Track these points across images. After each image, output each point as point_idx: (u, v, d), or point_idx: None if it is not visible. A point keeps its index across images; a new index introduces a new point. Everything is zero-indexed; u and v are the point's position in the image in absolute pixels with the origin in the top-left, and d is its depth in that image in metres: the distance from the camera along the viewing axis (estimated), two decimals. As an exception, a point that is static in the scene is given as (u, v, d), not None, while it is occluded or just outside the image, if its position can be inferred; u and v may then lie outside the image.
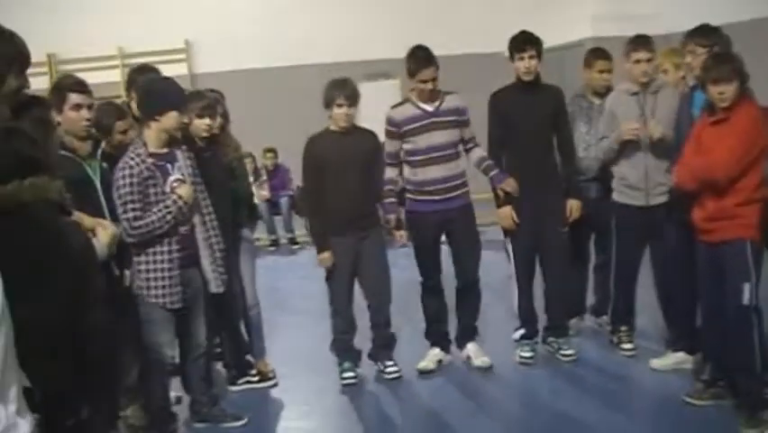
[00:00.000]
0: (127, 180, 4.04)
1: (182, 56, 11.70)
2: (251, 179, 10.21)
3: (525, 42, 5.18)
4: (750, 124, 4.02)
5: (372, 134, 5.27)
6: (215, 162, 4.90)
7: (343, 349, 5.33)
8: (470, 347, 5.43)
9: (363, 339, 5.43)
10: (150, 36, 11.16)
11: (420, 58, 5.10)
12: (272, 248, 10.63)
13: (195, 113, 4.72)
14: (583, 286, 5.94)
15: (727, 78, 4.03)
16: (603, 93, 5.58)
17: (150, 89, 4.36)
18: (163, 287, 4.15)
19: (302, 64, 11.29)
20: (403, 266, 5.70)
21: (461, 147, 5.32)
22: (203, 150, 4.79)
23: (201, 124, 4.78)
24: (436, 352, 5.45)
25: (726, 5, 8.92)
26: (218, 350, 5.29)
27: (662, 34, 7.86)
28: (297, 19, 11.72)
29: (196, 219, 4.32)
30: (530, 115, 5.24)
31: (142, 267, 4.14)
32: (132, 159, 4.10)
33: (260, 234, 10.12)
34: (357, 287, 5.32)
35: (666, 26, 9.61)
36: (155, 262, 4.15)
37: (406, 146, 5.21)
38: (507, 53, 5.29)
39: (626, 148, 5.07)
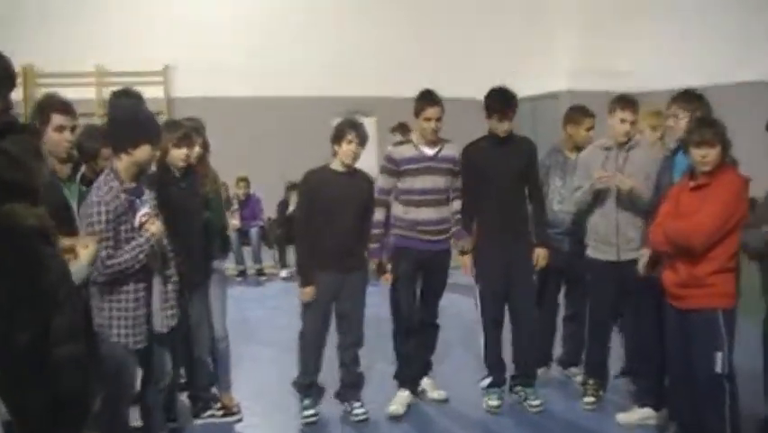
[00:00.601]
0: (102, 217, 3.83)
1: (159, 79, 11.67)
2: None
3: (505, 105, 5.26)
4: (731, 193, 4.06)
5: (369, 178, 5.38)
6: (192, 192, 4.85)
7: (306, 386, 5.29)
8: (426, 381, 5.59)
9: (332, 378, 5.38)
10: (129, 57, 11.15)
11: (426, 97, 5.25)
12: (239, 278, 10.54)
13: (172, 143, 4.66)
14: (551, 336, 5.99)
15: (710, 142, 4.11)
16: (582, 149, 5.67)
17: (124, 120, 4.21)
18: (126, 327, 3.98)
19: (279, 96, 11.34)
20: (371, 304, 5.68)
21: (451, 193, 5.43)
22: (179, 180, 4.73)
23: (179, 154, 4.70)
24: (406, 394, 5.45)
25: (702, 67, 9.15)
26: (183, 381, 5.22)
27: (635, 92, 8.04)
28: (278, 51, 11.78)
29: (156, 265, 4.14)
30: (504, 168, 5.34)
31: (105, 306, 3.94)
32: (107, 193, 3.89)
33: (228, 264, 10.04)
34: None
35: (639, 84, 9.84)
36: (119, 301, 3.96)
37: (402, 185, 5.33)
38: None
39: (599, 201, 5.14)
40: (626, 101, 5.15)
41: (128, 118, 4.23)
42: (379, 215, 5.34)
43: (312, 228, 5.15)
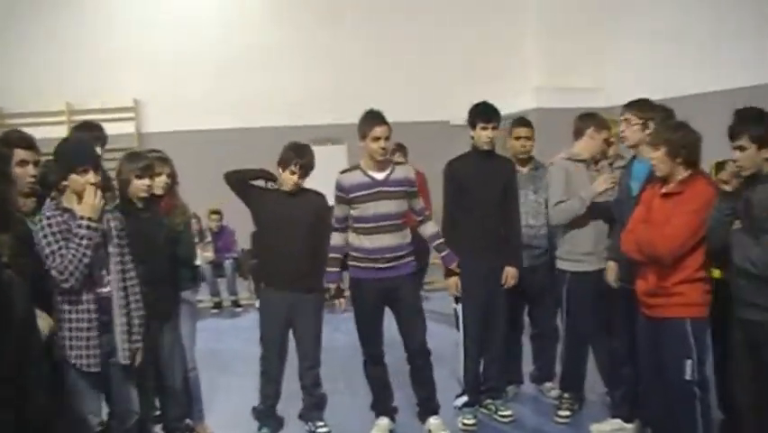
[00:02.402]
0: (47, 231, 3.84)
1: (130, 114, 11.64)
2: (196, 240, 10.20)
3: (491, 114, 5.32)
4: (703, 203, 4.04)
5: (320, 196, 5.30)
6: (155, 223, 4.81)
7: (265, 415, 5.33)
8: (432, 421, 5.28)
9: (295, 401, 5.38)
10: (99, 93, 11.13)
11: (372, 116, 5.08)
12: (215, 310, 10.50)
13: (134, 174, 4.64)
14: (519, 354, 6.01)
15: (655, 144, 4.19)
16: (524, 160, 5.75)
17: (57, 151, 4.14)
18: (79, 347, 3.93)
19: (250, 127, 11.37)
20: (346, 330, 5.68)
21: (415, 216, 5.31)
22: (142, 210, 4.70)
23: (140, 185, 4.66)
24: (386, 422, 5.37)
25: (667, 80, 9.27)
26: (158, 413, 5.17)
27: (603, 107, 8.14)
28: (247, 82, 11.80)
29: (113, 284, 4.08)
30: (487, 184, 5.34)
31: (65, 327, 3.92)
32: (47, 216, 3.90)
33: (203, 295, 10.02)
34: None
35: (606, 100, 9.96)
36: (71, 321, 3.92)
37: (354, 213, 5.14)
38: (454, 121, 5.41)
39: (597, 206, 5.16)
40: (603, 122, 5.33)
41: (59, 149, 4.14)
42: (337, 240, 5.24)
43: (262, 248, 5.16)
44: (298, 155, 5.09)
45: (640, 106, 4.76)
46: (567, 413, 5.41)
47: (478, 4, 12.43)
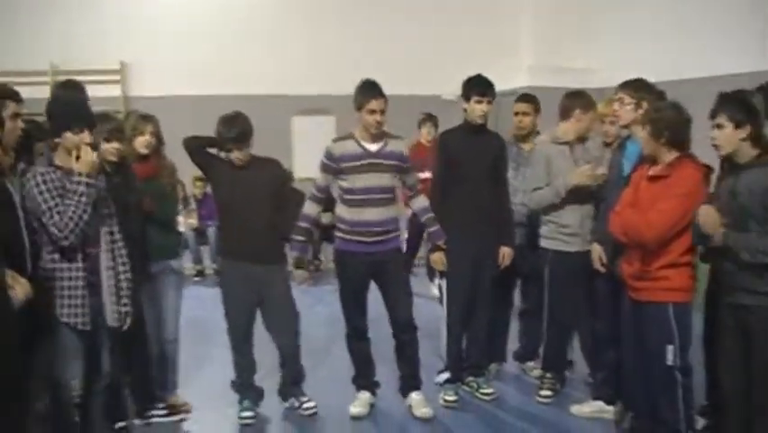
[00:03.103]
0: (42, 187, 3.80)
1: (116, 77, 11.44)
2: (180, 207, 10.08)
3: (485, 87, 5.22)
4: (689, 187, 3.98)
5: (275, 165, 5.13)
6: (127, 188, 4.63)
7: (244, 387, 5.23)
8: (414, 396, 5.24)
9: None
10: (85, 55, 10.90)
11: (369, 88, 4.94)
12: (198, 278, 10.40)
13: (102, 136, 4.42)
14: (506, 332, 5.96)
15: (642, 123, 4.16)
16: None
17: (53, 109, 4.07)
18: (73, 306, 3.91)
19: (238, 94, 11.14)
20: (328, 302, 5.61)
21: (398, 192, 5.20)
22: (112, 175, 4.48)
23: (109, 148, 4.51)
24: (367, 396, 5.32)
25: (662, 63, 9.18)
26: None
27: (595, 88, 8.06)
28: (237, 49, 11.61)
29: (102, 245, 4.06)
30: (478, 158, 5.26)
31: (57, 286, 3.91)
32: (40, 172, 3.86)
33: (186, 263, 9.92)
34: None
35: (600, 81, 9.88)
36: (64, 279, 3.91)
37: (343, 184, 5.02)
38: (445, 96, 5.31)
39: (569, 196, 5.10)
40: (589, 101, 5.21)
41: (52, 108, 4.08)
42: (309, 209, 5.13)
43: (222, 220, 5.09)
44: (227, 131, 4.86)
45: (634, 86, 4.69)
46: (549, 393, 5.39)
47: (473, -21, 12.30)
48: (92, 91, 5.11)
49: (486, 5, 12.30)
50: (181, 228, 5.63)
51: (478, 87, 5.22)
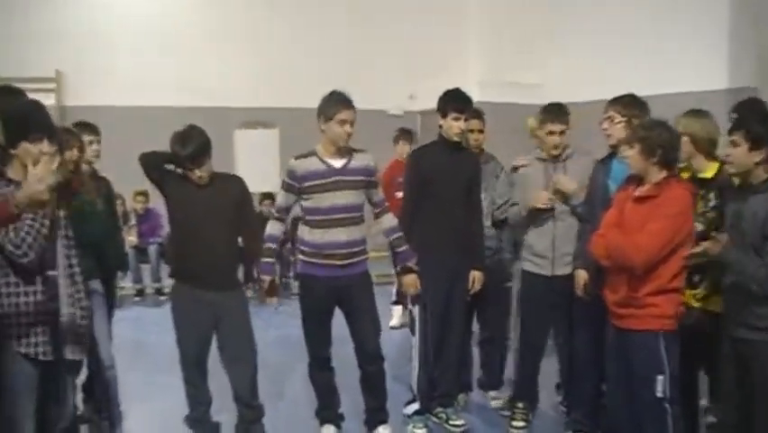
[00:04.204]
0: None
1: (51, 86, 10.98)
2: (121, 222, 9.67)
3: (464, 103, 5.00)
4: (678, 208, 3.80)
5: (237, 182, 4.76)
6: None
7: (199, 422, 4.84)
8: (381, 431, 4.95)
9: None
10: (19, 62, 10.43)
11: (339, 98, 4.65)
12: (138, 298, 9.97)
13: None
14: (469, 361, 5.72)
15: (629, 142, 3.96)
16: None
17: (7, 117, 3.64)
18: (33, 334, 3.52)
19: (179, 106, 10.82)
20: (280, 325, 5.29)
21: (374, 208, 4.92)
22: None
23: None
24: (331, 430, 5.03)
25: (610, 81, 9.15)
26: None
27: (541, 104, 8.00)
28: (177, 60, 11.33)
29: (61, 269, 3.67)
30: (452, 177, 5.02)
31: (12, 313, 3.49)
32: None
33: (126, 282, 9.53)
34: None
35: (548, 96, 9.81)
36: (20, 306, 3.50)
37: (306, 204, 4.72)
38: (392, 111, 5.10)
39: (536, 216, 4.93)
40: (552, 112, 4.95)
41: (9, 114, 3.63)
42: (273, 229, 4.83)
43: (176, 241, 4.74)
44: (182, 149, 4.45)
45: (624, 103, 4.52)
46: (522, 424, 5.16)
47: (420, -6, 12.19)
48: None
49: (433, 20, 12.23)
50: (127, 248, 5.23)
51: (455, 102, 4.99)
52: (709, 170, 4.13)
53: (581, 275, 4.66)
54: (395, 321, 7.86)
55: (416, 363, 5.14)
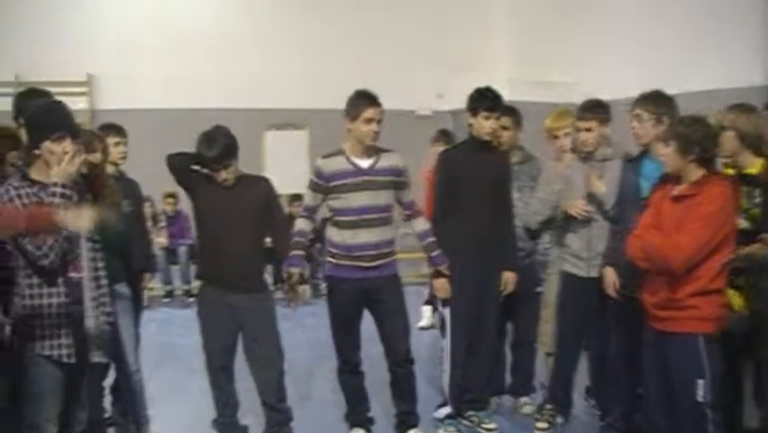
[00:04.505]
0: (17, 202, 3.40)
1: (83, 89, 11.05)
2: (150, 224, 9.68)
3: (494, 101, 4.88)
4: (717, 207, 3.65)
5: (264, 183, 4.72)
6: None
7: (226, 427, 4.78)
8: None
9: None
10: (51, 66, 10.46)
11: (365, 96, 4.57)
12: (167, 299, 9.98)
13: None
14: (502, 363, 5.58)
15: (665, 139, 3.83)
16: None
17: (27, 119, 3.69)
18: (56, 336, 3.49)
19: (209, 107, 10.79)
20: (310, 326, 5.21)
21: (394, 211, 4.80)
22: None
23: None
24: None
25: (645, 77, 8.99)
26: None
27: (576, 102, 7.87)
28: (208, 62, 11.32)
29: (86, 272, 3.63)
30: (483, 177, 4.91)
31: (36, 315, 3.48)
32: (14, 186, 3.47)
33: (155, 283, 9.54)
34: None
35: (582, 95, 9.66)
36: (44, 307, 3.48)
37: (333, 204, 4.64)
38: (420, 112, 5.00)
39: (571, 219, 4.80)
40: (582, 108, 4.81)
41: (28, 117, 3.68)
42: (302, 225, 4.74)
43: (202, 243, 4.71)
44: (208, 150, 4.42)
45: (653, 100, 4.38)
46: (545, 425, 5.03)
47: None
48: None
49: (463, 19, 12.13)
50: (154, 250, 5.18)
51: (486, 100, 4.87)
52: (755, 166, 3.98)
53: (609, 273, 4.52)
54: (424, 322, 7.80)
55: (446, 367, 5.04)
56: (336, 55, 11.66)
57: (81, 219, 3.31)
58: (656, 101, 4.37)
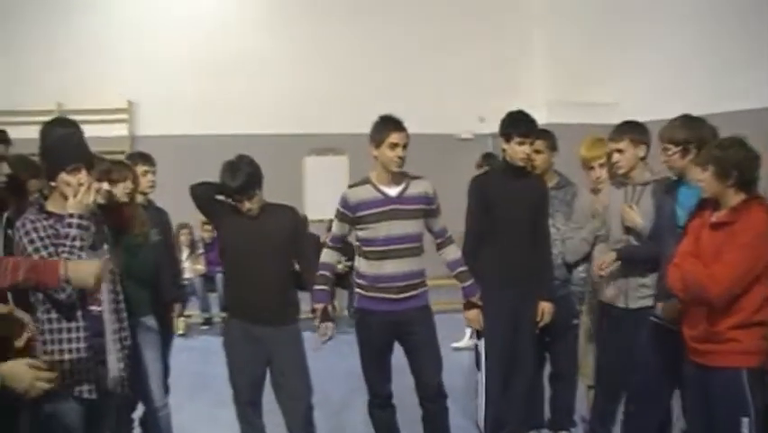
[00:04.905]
0: (33, 236, 3.36)
1: (124, 116, 11.17)
2: (188, 251, 9.68)
3: (529, 126, 4.74)
4: (757, 234, 3.46)
5: (289, 212, 4.61)
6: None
7: None
8: None
9: None
10: (92, 93, 10.65)
11: (389, 121, 4.45)
12: (205, 327, 9.89)
13: (94, 177, 3.85)
14: (541, 395, 5.41)
15: (702, 163, 3.64)
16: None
17: (42, 150, 3.66)
18: (77, 372, 3.41)
19: (249, 133, 10.86)
20: (345, 354, 5.06)
21: (435, 238, 4.69)
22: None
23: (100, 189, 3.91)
24: None
25: (683, 99, 8.78)
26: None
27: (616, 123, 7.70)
28: (246, 88, 11.37)
29: (105, 305, 3.57)
30: (517, 204, 4.78)
31: (56, 351, 3.41)
32: (30, 219, 3.43)
33: (193, 310, 9.52)
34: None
35: (623, 116, 9.46)
36: (63, 342, 3.43)
37: (361, 234, 4.50)
38: (462, 135, 4.88)
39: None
40: (614, 128, 4.56)
41: (48, 146, 3.65)
42: (328, 257, 4.63)
43: (228, 274, 4.66)
44: (231, 180, 4.34)
45: (672, 132, 4.14)
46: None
47: (487, 16, 12.06)
48: (99, 131, 4.79)
49: (501, 42, 12.04)
50: (187, 275, 5.11)
51: (519, 125, 4.73)
52: None
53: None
54: (461, 342, 7.80)
55: (481, 401, 4.89)
56: (377, 79, 11.63)
57: (85, 275, 3.15)
58: (675, 132, 4.13)
